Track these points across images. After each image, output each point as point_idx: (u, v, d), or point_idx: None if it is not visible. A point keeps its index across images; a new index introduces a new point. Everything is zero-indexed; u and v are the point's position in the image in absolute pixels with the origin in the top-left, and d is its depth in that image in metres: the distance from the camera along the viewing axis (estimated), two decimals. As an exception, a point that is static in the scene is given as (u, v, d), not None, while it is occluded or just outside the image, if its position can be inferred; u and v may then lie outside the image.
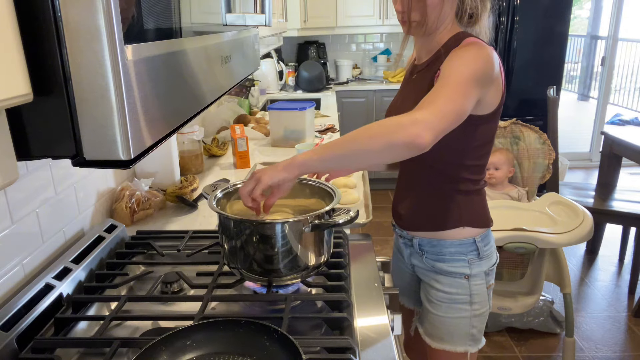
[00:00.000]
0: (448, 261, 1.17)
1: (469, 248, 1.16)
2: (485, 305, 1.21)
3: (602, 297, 2.74)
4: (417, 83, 1.14)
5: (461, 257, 1.16)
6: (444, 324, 1.21)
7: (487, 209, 1.21)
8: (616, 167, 3.07)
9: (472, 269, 1.17)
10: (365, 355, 0.86)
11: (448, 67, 1.00)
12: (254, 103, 3.30)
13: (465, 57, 1.00)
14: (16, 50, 0.39)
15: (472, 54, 1.00)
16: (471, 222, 1.16)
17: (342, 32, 4.30)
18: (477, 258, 1.17)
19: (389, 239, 3.36)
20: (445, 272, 1.18)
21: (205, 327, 0.80)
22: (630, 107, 6.47)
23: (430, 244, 1.19)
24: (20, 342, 0.83)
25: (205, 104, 0.70)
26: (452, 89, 0.95)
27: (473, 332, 1.21)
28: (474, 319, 1.20)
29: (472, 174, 1.15)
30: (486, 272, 1.19)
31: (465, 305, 1.18)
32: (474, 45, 1.02)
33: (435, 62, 1.09)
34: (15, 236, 0.96)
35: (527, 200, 2.34)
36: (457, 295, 1.18)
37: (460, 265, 1.17)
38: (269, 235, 0.93)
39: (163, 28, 0.54)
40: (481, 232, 1.18)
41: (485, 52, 1.00)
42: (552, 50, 3.68)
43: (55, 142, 0.45)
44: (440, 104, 0.92)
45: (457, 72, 0.97)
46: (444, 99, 0.93)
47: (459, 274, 1.17)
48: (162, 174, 1.64)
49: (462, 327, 1.20)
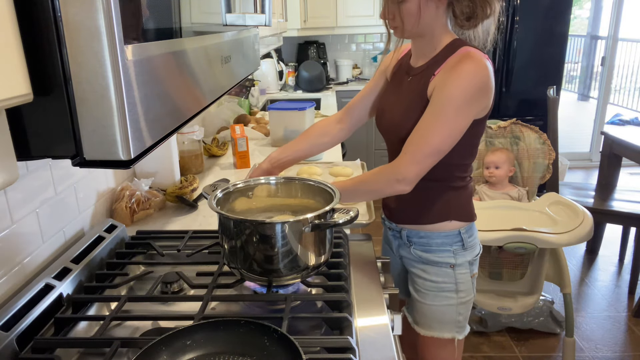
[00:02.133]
0: (434, 251, 1.23)
1: (455, 239, 1.22)
2: (470, 294, 1.28)
3: (602, 297, 2.74)
4: (411, 87, 1.17)
5: (447, 247, 1.22)
6: (431, 312, 1.27)
7: (472, 203, 1.27)
8: (616, 167, 3.07)
9: (457, 258, 1.23)
10: (365, 355, 0.86)
11: (440, 95, 1.05)
12: (254, 103, 3.30)
13: (460, 78, 1.03)
14: (16, 50, 0.39)
15: (465, 74, 1.03)
16: (458, 216, 1.22)
17: (342, 32, 4.30)
18: (461, 249, 1.23)
19: (389, 239, 3.36)
20: (432, 262, 1.24)
21: (205, 327, 0.80)
22: (630, 107, 6.47)
23: (418, 236, 1.25)
24: (20, 342, 0.83)
25: (205, 104, 0.70)
26: (438, 130, 1.04)
27: (459, 319, 1.27)
28: (460, 307, 1.26)
29: (461, 172, 1.21)
30: (470, 261, 1.25)
31: (452, 293, 1.24)
32: (469, 61, 1.04)
33: (429, 69, 1.13)
34: (15, 236, 0.96)
35: (527, 200, 2.34)
36: (444, 283, 1.24)
37: (446, 256, 1.23)
38: (269, 235, 0.93)
39: (163, 28, 0.54)
40: (465, 224, 1.24)
41: (479, 67, 1.04)
42: (552, 50, 3.68)
43: (55, 142, 0.45)
44: (425, 154, 1.06)
45: (448, 103, 1.03)
46: (425, 149, 1.05)
47: (445, 263, 1.23)
48: (162, 174, 1.64)
49: (449, 314, 1.26)
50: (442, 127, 1.04)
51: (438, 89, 1.06)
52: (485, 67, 1.05)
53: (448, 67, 1.07)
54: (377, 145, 4.23)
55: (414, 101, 1.14)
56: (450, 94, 1.04)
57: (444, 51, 1.11)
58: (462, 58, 1.06)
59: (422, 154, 1.06)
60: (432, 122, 1.05)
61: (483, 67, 1.04)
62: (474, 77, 1.03)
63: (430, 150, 1.06)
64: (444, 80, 1.05)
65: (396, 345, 0.92)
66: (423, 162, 1.07)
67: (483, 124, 1.15)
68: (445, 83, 1.05)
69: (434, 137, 1.05)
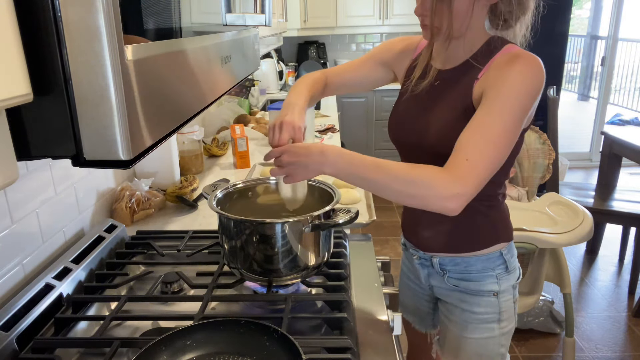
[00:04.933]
0: (475, 279, 1.08)
1: (497, 262, 1.07)
2: (512, 321, 1.12)
3: (602, 297, 2.74)
4: (444, 92, 1.03)
5: (489, 272, 1.07)
6: (471, 346, 1.11)
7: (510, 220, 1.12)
8: (616, 167, 3.07)
9: (500, 284, 1.07)
10: (365, 355, 0.86)
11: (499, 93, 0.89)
12: (254, 103, 3.30)
13: (517, 81, 0.89)
14: (16, 50, 0.39)
15: (524, 75, 0.90)
16: (506, 237, 1.08)
17: (342, 32, 4.30)
18: (505, 272, 1.08)
19: (389, 239, 3.36)
20: (472, 291, 1.08)
21: (205, 327, 0.80)
22: (630, 107, 6.48)
23: (453, 262, 1.09)
24: (20, 342, 0.83)
25: (205, 104, 0.70)
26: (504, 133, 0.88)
27: (502, 351, 1.12)
28: (502, 337, 1.11)
29: (500, 188, 1.07)
30: (514, 285, 1.11)
31: (494, 324, 1.09)
32: (523, 61, 0.91)
33: (468, 71, 0.99)
34: (15, 236, 0.96)
35: (527, 200, 2.34)
36: (486, 314, 1.09)
37: (488, 282, 1.07)
38: (269, 235, 0.93)
39: (163, 28, 0.54)
40: (507, 244, 1.09)
41: (535, 66, 0.91)
42: (552, 50, 3.68)
43: (55, 142, 0.45)
44: (481, 168, 0.86)
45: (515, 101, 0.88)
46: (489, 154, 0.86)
47: (488, 291, 1.07)
48: (162, 174, 1.64)
49: (490, 348, 1.11)
50: (508, 131, 0.88)
51: (494, 88, 0.91)
52: (541, 68, 0.92)
53: (498, 65, 0.94)
54: (377, 145, 4.23)
55: (453, 107, 0.99)
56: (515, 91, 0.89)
57: (482, 50, 0.99)
58: (515, 57, 0.92)
59: (484, 162, 0.86)
60: (495, 123, 0.88)
61: (541, 68, 0.92)
62: (535, 77, 0.91)
63: (492, 158, 0.87)
64: (501, 79, 0.90)
65: (396, 345, 0.92)
66: (484, 173, 0.86)
67: (524, 134, 1.01)
68: (504, 81, 0.89)
69: (498, 141, 0.87)
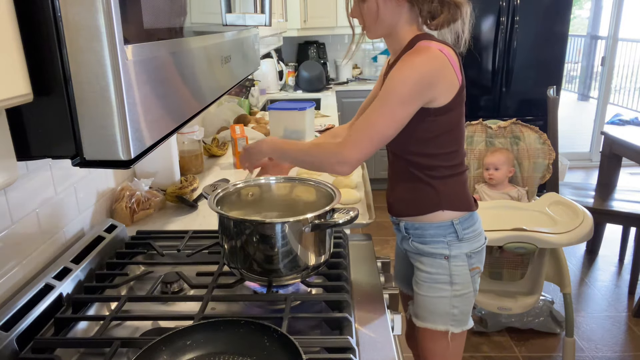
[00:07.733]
0: (429, 243, 1.23)
1: (448, 230, 1.21)
2: (468, 287, 1.24)
3: (602, 297, 2.74)
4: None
5: (440, 238, 1.21)
6: (425, 303, 1.26)
7: (467, 193, 1.25)
8: (616, 167, 3.07)
9: (451, 250, 1.21)
10: (365, 355, 0.86)
11: (385, 86, 1.09)
12: (254, 103, 3.30)
13: (405, 70, 1.06)
14: (16, 50, 0.39)
15: (410, 65, 1.06)
16: (449, 205, 1.20)
17: (342, 32, 4.30)
18: (456, 240, 1.21)
19: (389, 239, 3.36)
20: (427, 253, 1.23)
21: (205, 327, 0.80)
22: (630, 107, 6.47)
23: (414, 227, 1.25)
24: (20, 342, 0.83)
25: (205, 104, 0.70)
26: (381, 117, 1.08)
27: (454, 312, 1.25)
28: (454, 299, 1.23)
29: (444, 161, 1.20)
30: (468, 254, 1.22)
31: (446, 285, 1.23)
32: (418, 54, 1.07)
33: (394, 65, 1.14)
34: (15, 236, 0.96)
35: (527, 200, 2.34)
36: (438, 275, 1.23)
37: (440, 247, 1.22)
38: (269, 235, 0.93)
39: (163, 28, 0.54)
40: (460, 215, 1.21)
41: (428, 59, 1.06)
42: (552, 50, 3.68)
43: (55, 142, 0.45)
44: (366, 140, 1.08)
45: (393, 92, 1.07)
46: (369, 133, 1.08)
47: (439, 254, 1.22)
48: (162, 174, 1.64)
49: (442, 307, 1.24)
50: (384, 115, 1.07)
51: (387, 79, 1.09)
52: (435, 57, 1.07)
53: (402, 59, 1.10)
54: (377, 145, 4.23)
55: None
56: (393, 84, 1.07)
57: (406, 47, 1.14)
58: (414, 51, 1.09)
59: (365, 139, 1.08)
60: (376, 109, 1.08)
61: (433, 58, 1.07)
62: (419, 68, 1.06)
63: (372, 136, 1.08)
64: (392, 72, 1.08)
65: (396, 345, 0.92)
66: (366, 147, 1.08)
67: (454, 112, 1.14)
68: (392, 74, 1.08)
69: (376, 124, 1.08)
